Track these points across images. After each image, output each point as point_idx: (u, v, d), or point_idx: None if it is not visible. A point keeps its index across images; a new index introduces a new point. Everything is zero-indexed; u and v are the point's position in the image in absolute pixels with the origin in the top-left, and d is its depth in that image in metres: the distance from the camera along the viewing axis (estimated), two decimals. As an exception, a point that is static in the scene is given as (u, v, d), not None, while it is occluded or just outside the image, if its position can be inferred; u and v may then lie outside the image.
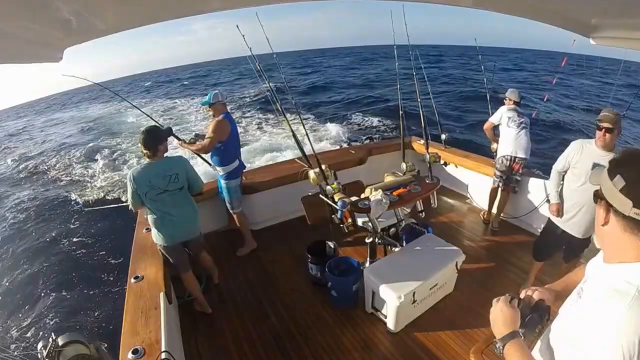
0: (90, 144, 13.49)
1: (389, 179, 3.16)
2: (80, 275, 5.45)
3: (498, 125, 3.83)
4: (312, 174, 2.81)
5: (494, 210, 4.03)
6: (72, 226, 7.02)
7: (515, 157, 3.64)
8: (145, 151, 2.56)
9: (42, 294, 5.08)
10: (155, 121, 3.50)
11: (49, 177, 10.81)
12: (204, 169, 3.83)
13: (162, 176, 2.56)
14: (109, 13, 1.03)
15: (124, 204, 2.71)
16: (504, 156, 3.70)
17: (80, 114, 25.16)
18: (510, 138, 3.67)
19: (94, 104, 29.50)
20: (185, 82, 38.24)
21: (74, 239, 6.47)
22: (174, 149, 3.68)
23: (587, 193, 2.44)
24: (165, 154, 2.67)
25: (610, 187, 0.82)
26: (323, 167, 2.83)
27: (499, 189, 3.89)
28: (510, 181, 3.78)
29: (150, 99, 26.51)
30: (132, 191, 2.54)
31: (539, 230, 3.09)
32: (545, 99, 11.24)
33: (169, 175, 2.58)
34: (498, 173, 3.80)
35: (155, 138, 2.58)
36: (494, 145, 3.97)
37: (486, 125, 3.98)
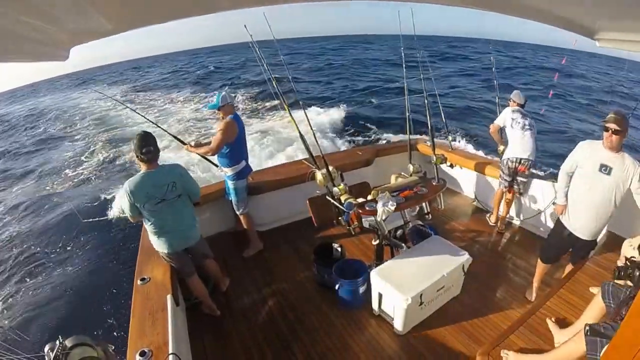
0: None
1: (395, 180, 3.09)
2: (87, 277, 5.40)
3: (504, 127, 3.75)
4: (319, 175, 2.75)
5: (501, 212, 3.94)
6: (76, 228, 6.93)
7: (520, 159, 3.54)
8: (142, 157, 2.40)
9: (49, 297, 5.04)
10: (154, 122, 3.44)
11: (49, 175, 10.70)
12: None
13: (160, 186, 2.46)
14: (117, 13, 0.98)
15: (123, 215, 2.62)
16: (509, 159, 3.60)
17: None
18: (514, 140, 3.57)
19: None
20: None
21: (79, 240, 6.41)
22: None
23: (593, 194, 2.42)
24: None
25: None
26: (330, 168, 2.76)
27: (505, 192, 3.80)
28: (516, 183, 3.69)
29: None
30: (130, 204, 2.42)
31: (546, 233, 3.01)
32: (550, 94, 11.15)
33: (166, 184, 2.48)
34: (504, 176, 3.71)
35: (150, 144, 2.42)
36: (500, 148, 3.87)
37: (492, 128, 3.88)
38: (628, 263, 1.83)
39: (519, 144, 3.55)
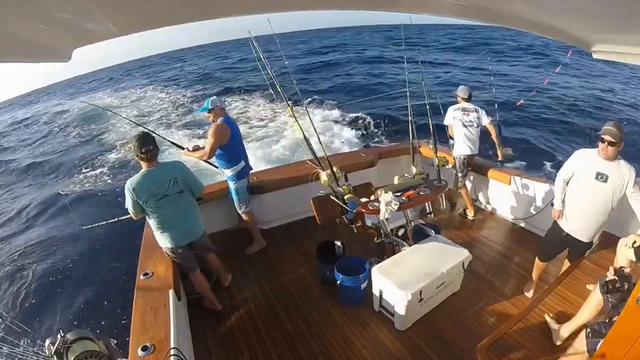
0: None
1: (398, 181, 3.05)
2: (88, 272, 5.28)
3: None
4: (323, 175, 2.71)
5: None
6: (78, 224, 6.80)
7: (469, 155, 3.78)
8: (142, 156, 2.39)
9: (51, 291, 4.93)
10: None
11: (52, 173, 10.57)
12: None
13: (161, 182, 2.43)
14: (121, 15, 0.95)
15: (127, 216, 2.61)
16: (459, 156, 3.79)
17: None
18: (458, 137, 3.78)
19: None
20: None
21: (82, 236, 6.21)
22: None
23: (591, 201, 2.42)
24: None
25: None
26: (334, 169, 2.72)
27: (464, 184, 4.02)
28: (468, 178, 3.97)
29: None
30: (132, 202, 2.40)
31: (543, 231, 3.00)
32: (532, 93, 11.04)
33: (168, 180, 2.45)
34: (458, 172, 3.87)
35: (149, 143, 2.41)
36: (450, 142, 4.05)
37: (448, 130, 4.02)
38: (617, 277, 1.83)
39: (462, 141, 3.76)
